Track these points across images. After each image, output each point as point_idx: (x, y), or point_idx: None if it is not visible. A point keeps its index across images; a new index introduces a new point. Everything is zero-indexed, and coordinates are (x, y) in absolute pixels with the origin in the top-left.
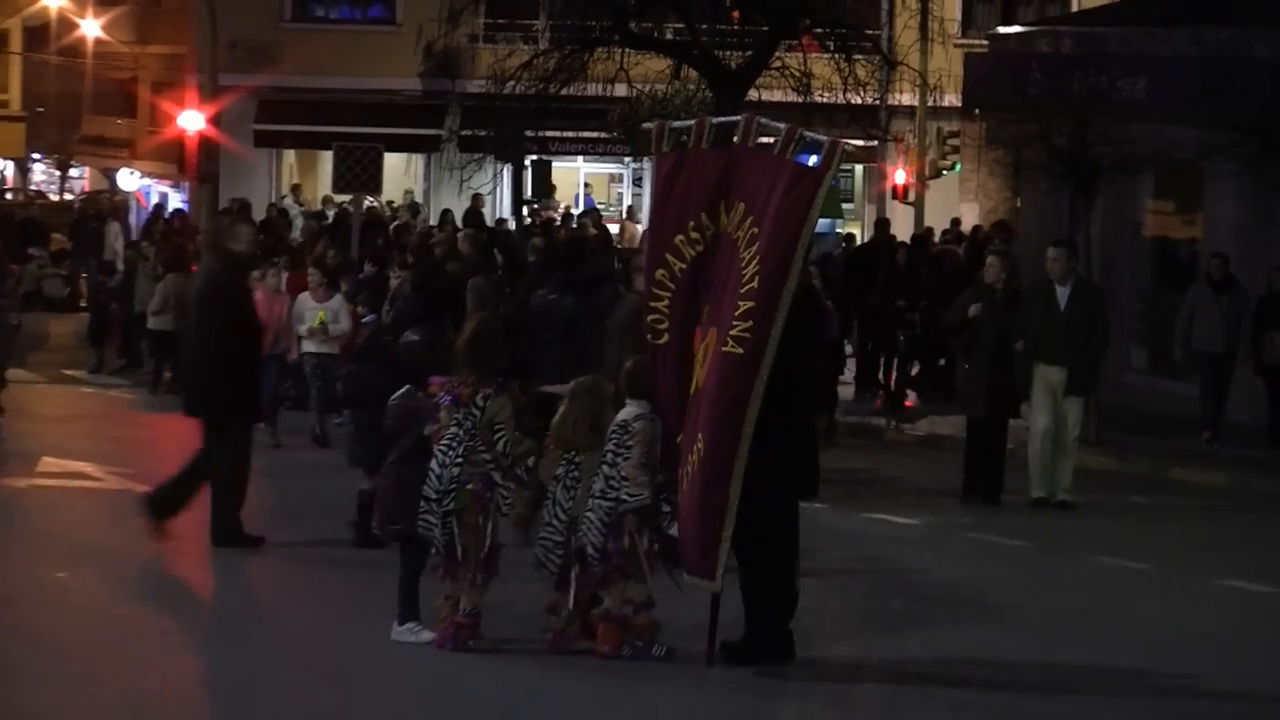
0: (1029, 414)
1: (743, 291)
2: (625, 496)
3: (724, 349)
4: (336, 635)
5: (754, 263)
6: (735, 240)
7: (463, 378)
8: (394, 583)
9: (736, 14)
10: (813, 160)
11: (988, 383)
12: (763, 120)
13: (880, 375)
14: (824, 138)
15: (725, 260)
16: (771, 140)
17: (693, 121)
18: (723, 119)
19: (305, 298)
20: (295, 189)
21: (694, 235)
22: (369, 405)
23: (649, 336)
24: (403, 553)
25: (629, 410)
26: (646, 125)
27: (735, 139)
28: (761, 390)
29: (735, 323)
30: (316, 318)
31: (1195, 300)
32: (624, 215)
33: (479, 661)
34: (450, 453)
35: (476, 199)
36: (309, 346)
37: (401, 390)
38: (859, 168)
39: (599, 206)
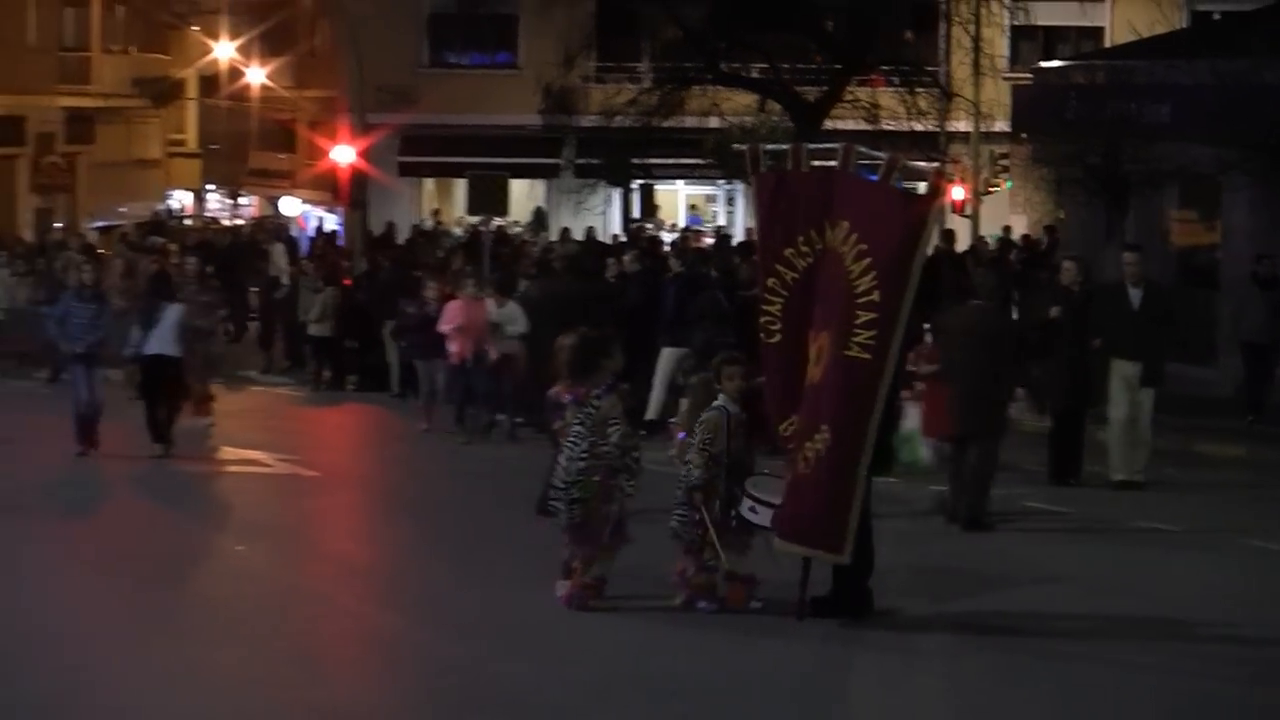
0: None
1: (861, 302)
2: (684, 475)
3: (847, 353)
4: (479, 597)
5: (868, 276)
6: (840, 255)
7: (575, 381)
8: (525, 549)
9: (819, 58)
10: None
11: (1069, 376)
12: (861, 149)
13: None
14: (881, 155)
15: (830, 272)
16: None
17: (786, 146)
18: (817, 145)
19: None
20: (435, 213)
21: (804, 249)
22: None
23: (761, 335)
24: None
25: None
26: (739, 147)
27: (834, 164)
28: (886, 392)
29: (858, 330)
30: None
31: (1244, 297)
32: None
33: (598, 619)
34: (575, 447)
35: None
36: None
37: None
38: (921, 184)
39: (697, 224)
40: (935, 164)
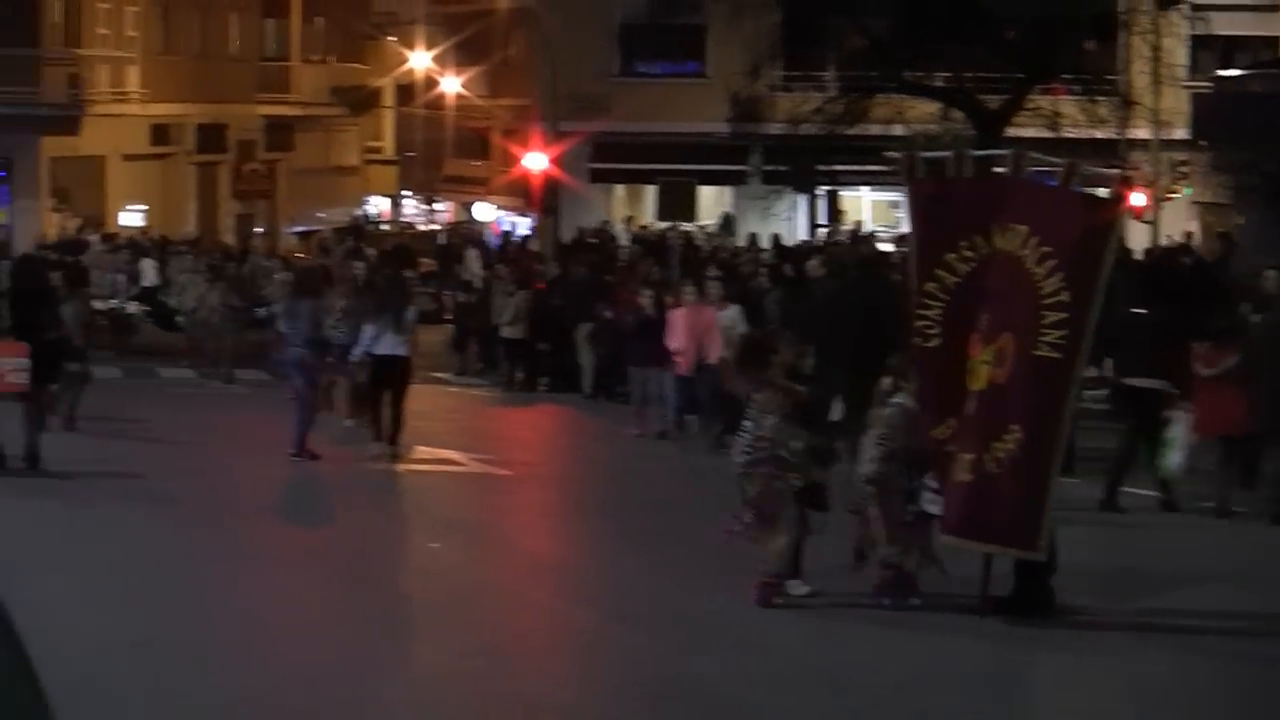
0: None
1: (1049, 303)
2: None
3: (1036, 353)
4: (668, 592)
5: (1055, 278)
6: (1019, 258)
7: (746, 377)
8: (715, 547)
9: (1001, 67)
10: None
11: (1272, 383)
12: (1033, 154)
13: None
14: (1057, 161)
15: (1005, 275)
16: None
17: (944, 154)
18: (982, 152)
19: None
20: (628, 220)
21: (966, 253)
22: None
23: (917, 339)
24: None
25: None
26: (893, 154)
27: (1001, 170)
28: (1077, 391)
29: (1046, 331)
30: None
31: None
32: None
33: (782, 614)
34: (742, 441)
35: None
36: None
37: None
38: (1101, 189)
39: (880, 229)
40: (1117, 170)
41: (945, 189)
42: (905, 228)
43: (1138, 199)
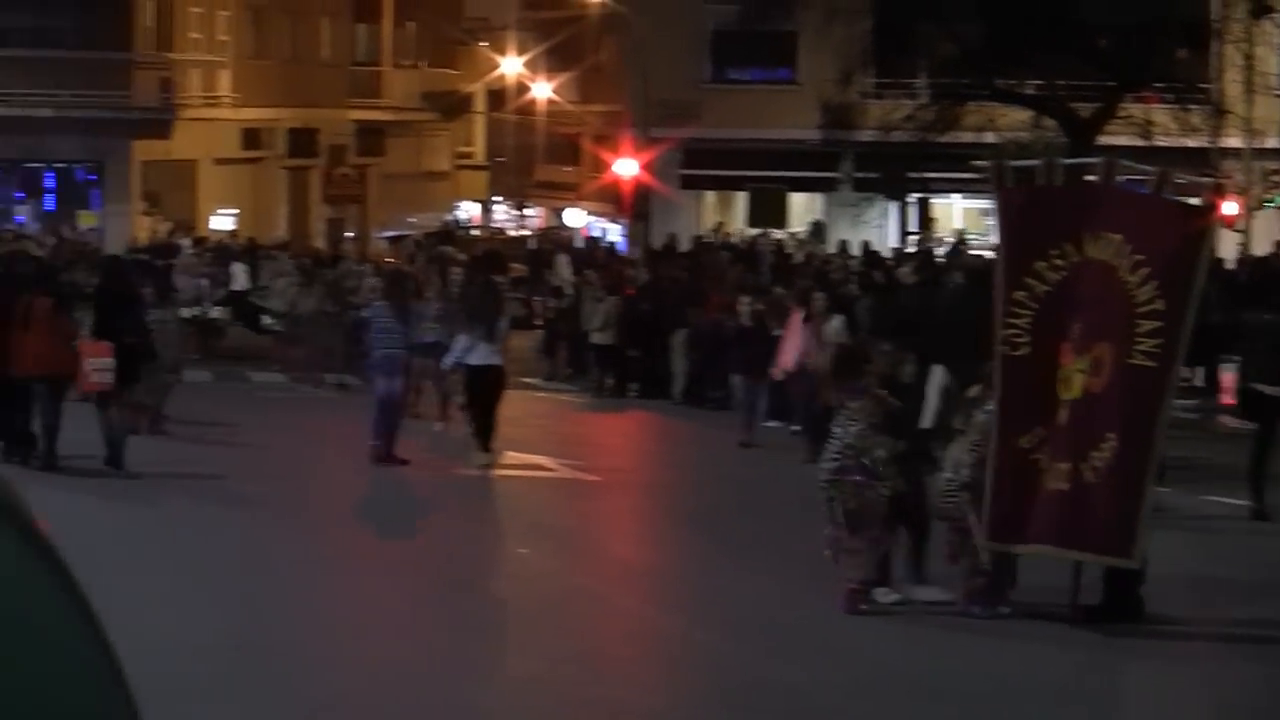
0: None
1: (1143, 311)
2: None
3: (1131, 361)
4: (758, 601)
5: (1148, 286)
6: (1113, 267)
7: (839, 386)
8: (804, 554)
9: (1093, 75)
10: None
11: None
12: (1125, 162)
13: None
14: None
15: (1098, 283)
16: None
17: (1033, 162)
18: (1073, 160)
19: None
20: (719, 226)
21: (1057, 261)
22: None
23: (1005, 348)
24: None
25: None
26: (981, 163)
27: (1092, 178)
28: (1171, 399)
29: (1140, 340)
30: None
31: None
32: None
33: (870, 621)
34: (830, 448)
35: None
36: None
37: None
38: (1193, 198)
39: (970, 237)
40: (1210, 179)
41: (1035, 197)
42: (994, 236)
43: (1229, 208)
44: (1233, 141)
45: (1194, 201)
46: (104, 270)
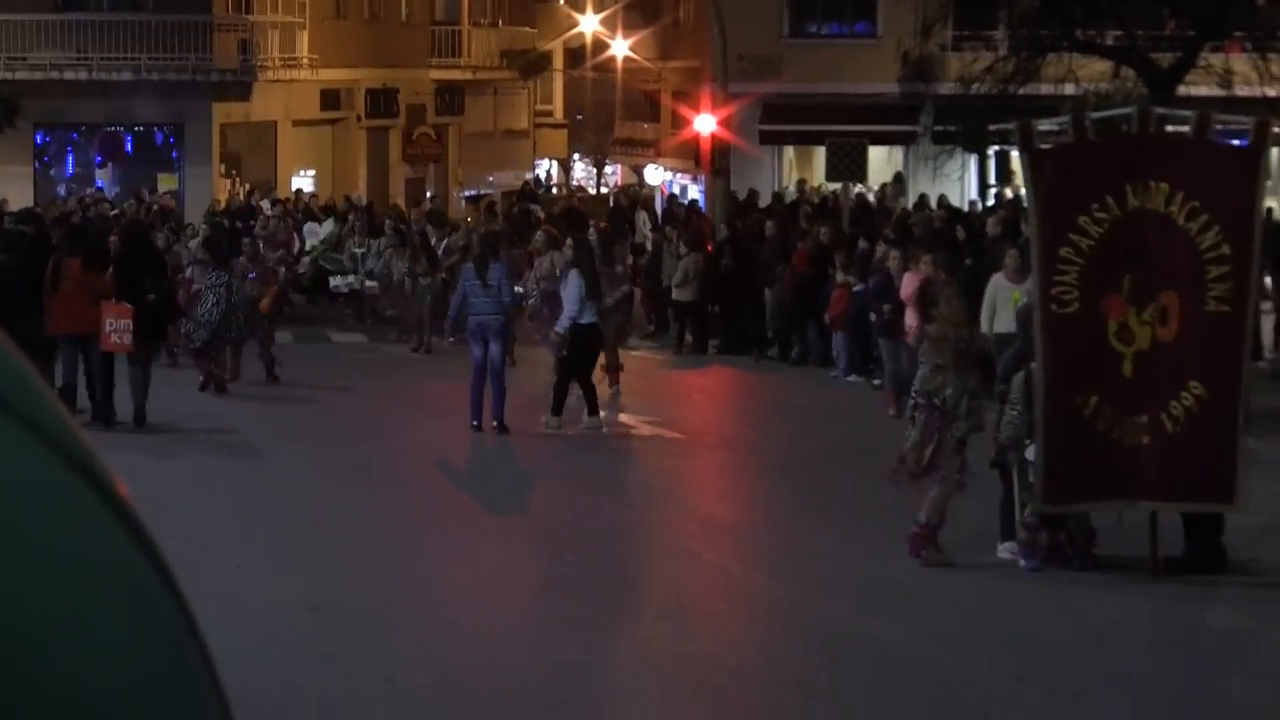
0: None
1: (1210, 257)
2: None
3: (1206, 308)
4: (846, 556)
5: (1211, 231)
6: (1167, 215)
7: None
8: (889, 510)
9: (1173, 22)
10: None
11: None
12: (1161, 110)
13: None
14: (1247, 120)
15: (1153, 233)
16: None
17: (1060, 120)
18: (1104, 113)
19: (1000, 278)
20: (801, 182)
21: (1099, 215)
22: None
23: (1052, 306)
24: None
25: None
26: (1003, 127)
27: (1128, 130)
28: (1251, 341)
29: (1213, 285)
30: (1012, 298)
31: None
32: None
33: (955, 575)
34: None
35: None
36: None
37: None
38: (1276, 150)
39: None
40: (1253, 119)
41: (1067, 153)
42: (1027, 195)
43: None
44: None
45: (1237, 144)
46: (124, 233)
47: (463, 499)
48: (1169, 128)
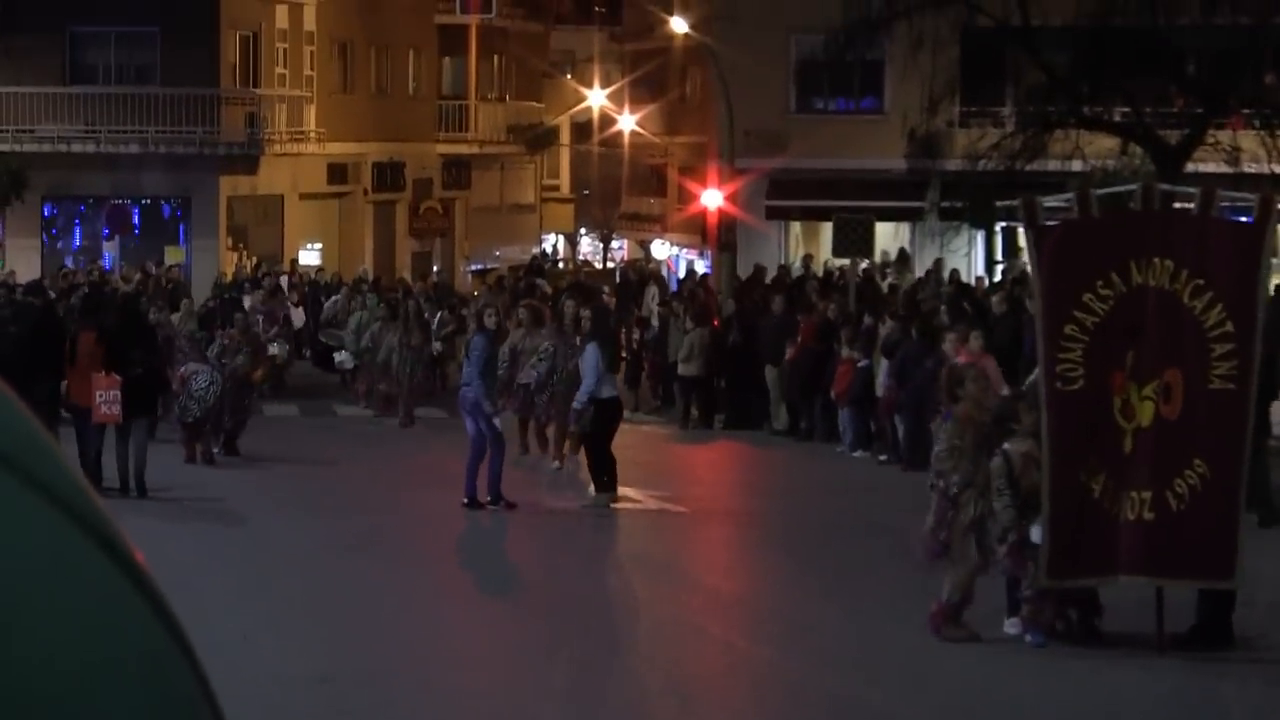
0: None
1: (1215, 335)
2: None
3: (1210, 386)
4: (852, 630)
5: (1215, 309)
6: (1172, 292)
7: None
8: (895, 582)
9: (1181, 99)
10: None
11: None
12: (1166, 187)
13: None
14: (1252, 196)
15: (1155, 310)
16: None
17: (1065, 196)
18: (1106, 190)
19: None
20: (808, 258)
21: (1104, 292)
22: None
23: (1058, 384)
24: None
25: None
26: (1007, 204)
27: (1133, 206)
28: (1253, 420)
29: (1217, 363)
30: None
31: None
32: None
33: (960, 649)
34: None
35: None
36: None
37: None
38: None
39: None
40: (1258, 195)
41: (1072, 229)
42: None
43: None
44: None
45: (1244, 220)
46: (115, 306)
47: (467, 571)
48: (1175, 204)
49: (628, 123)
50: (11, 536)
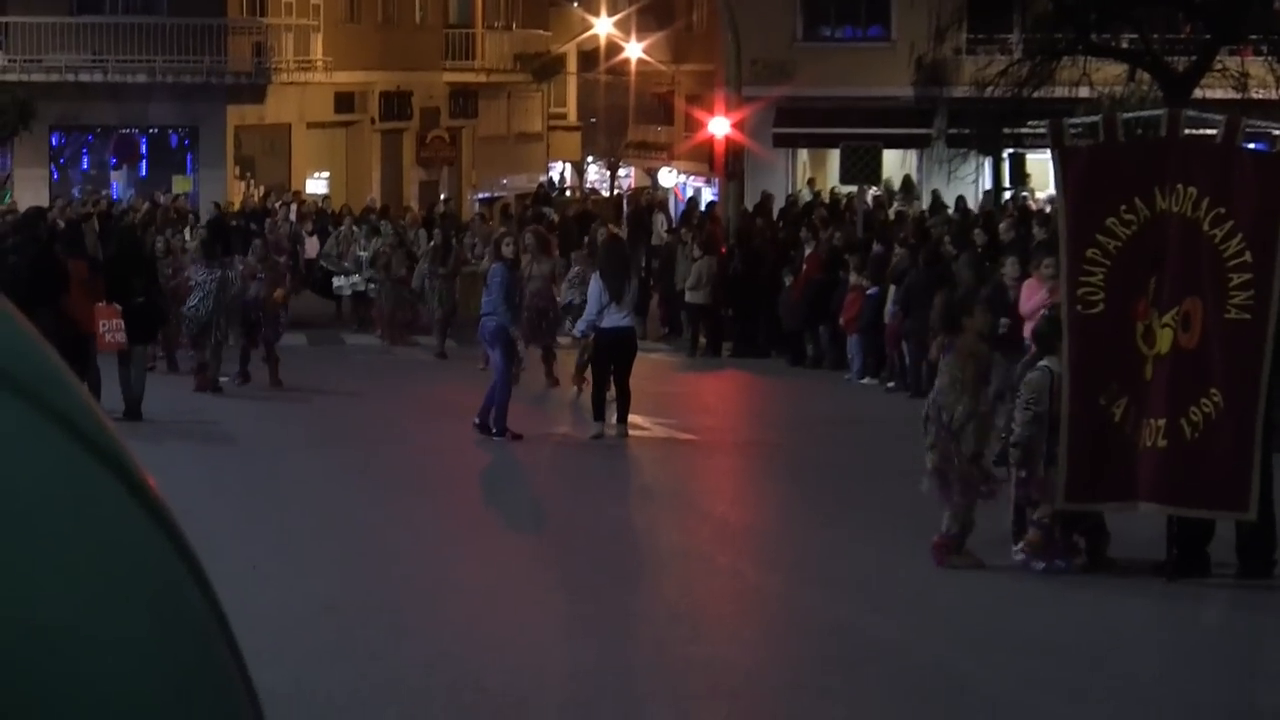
0: None
1: (1233, 264)
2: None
3: (1227, 316)
4: (859, 558)
5: (1235, 239)
6: (1193, 220)
7: (945, 336)
8: (902, 512)
9: (1188, 26)
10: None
11: None
12: (1191, 113)
13: None
14: (1265, 124)
15: (1179, 238)
16: (1213, 131)
17: (1091, 119)
18: (1134, 114)
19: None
20: (811, 182)
21: (1127, 217)
22: None
23: (1078, 307)
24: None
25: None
26: (1017, 130)
27: (1161, 132)
28: (1271, 350)
29: (1234, 292)
30: None
31: None
32: None
33: (968, 577)
34: (929, 400)
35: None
36: None
37: None
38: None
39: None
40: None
41: (1097, 153)
42: (1057, 193)
43: None
44: None
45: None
46: (115, 236)
47: (474, 501)
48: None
49: (634, 51)
50: (26, 462)
